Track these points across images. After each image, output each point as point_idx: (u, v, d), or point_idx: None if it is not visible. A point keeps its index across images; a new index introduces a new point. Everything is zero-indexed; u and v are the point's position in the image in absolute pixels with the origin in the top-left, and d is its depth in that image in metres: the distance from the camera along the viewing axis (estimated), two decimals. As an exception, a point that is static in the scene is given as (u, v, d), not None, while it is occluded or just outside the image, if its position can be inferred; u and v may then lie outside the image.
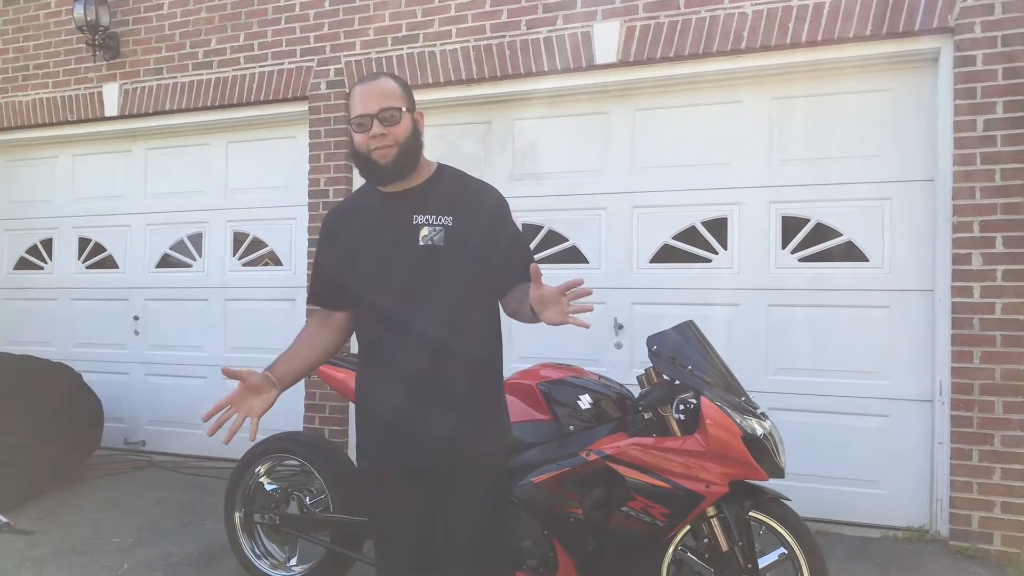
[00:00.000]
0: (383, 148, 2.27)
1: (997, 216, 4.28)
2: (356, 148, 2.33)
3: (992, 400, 4.28)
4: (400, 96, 2.33)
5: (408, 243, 2.33)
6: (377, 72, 2.49)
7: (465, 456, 2.34)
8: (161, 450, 6.66)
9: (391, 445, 2.37)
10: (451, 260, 2.33)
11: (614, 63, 5.12)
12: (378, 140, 2.27)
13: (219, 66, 6.25)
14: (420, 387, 2.33)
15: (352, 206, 2.56)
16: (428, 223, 2.35)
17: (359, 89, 2.33)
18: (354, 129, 2.30)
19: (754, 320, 4.99)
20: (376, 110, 2.26)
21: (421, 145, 2.38)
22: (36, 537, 4.62)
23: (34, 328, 7.26)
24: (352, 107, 2.32)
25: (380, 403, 2.39)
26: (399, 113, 2.30)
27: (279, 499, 3.92)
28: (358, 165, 2.37)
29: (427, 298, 2.33)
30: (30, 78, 7.01)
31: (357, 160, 2.36)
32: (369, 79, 2.38)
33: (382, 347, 2.38)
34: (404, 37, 5.64)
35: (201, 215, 6.65)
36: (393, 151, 2.28)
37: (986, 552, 4.23)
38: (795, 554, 3.02)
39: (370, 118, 2.26)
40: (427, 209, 2.37)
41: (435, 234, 2.34)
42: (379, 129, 2.26)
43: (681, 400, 3.09)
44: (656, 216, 5.25)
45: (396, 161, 2.29)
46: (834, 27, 4.60)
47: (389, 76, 2.39)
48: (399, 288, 2.34)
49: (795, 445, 4.27)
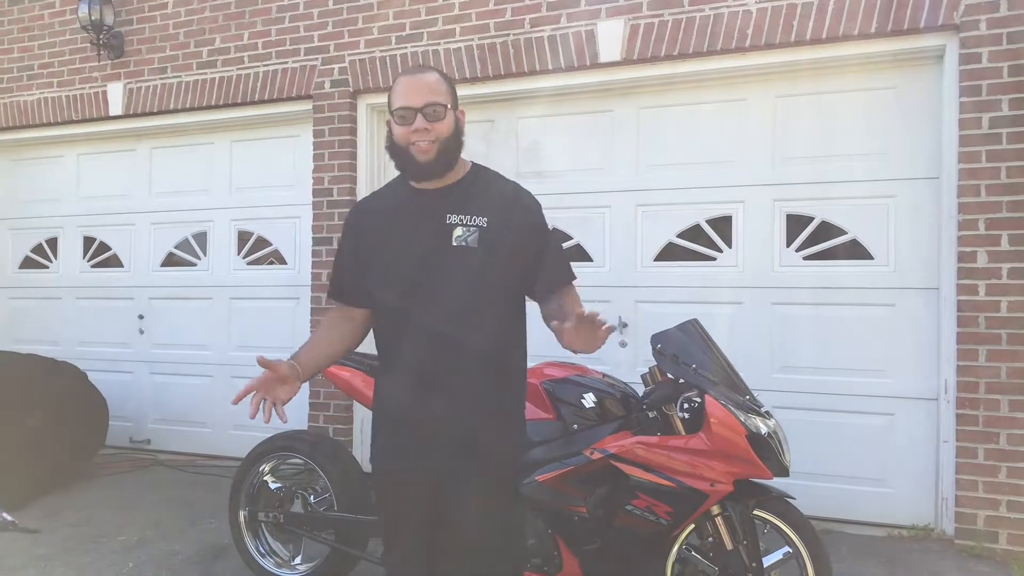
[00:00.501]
0: (424, 144, 2.21)
1: (1003, 214, 4.27)
2: (395, 140, 2.27)
3: (998, 398, 4.27)
4: (446, 92, 2.28)
5: (440, 242, 2.27)
6: (424, 65, 2.40)
7: (487, 460, 2.30)
8: (166, 448, 6.67)
9: (415, 448, 2.31)
10: (484, 262, 2.28)
11: (618, 61, 5.11)
12: (420, 135, 2.21)
13: (223, 65, 6.26)
14: (446, 390, 2.27)
15: (380, 200, 2.47)
16: (462, 223, 2.29)
17: (405, 80, 2.27)
18: (395, 121, 2.24)
19: (758, 318, 4.99)
20: (421, 104, 2.21)
21: (461, 144, 2.33)
22: (41, 535, 4.63)
23: (39, 327, 7.28)
24: (395, 98, 2.25)
25: (404, 405, 2.32)
26: (443, 110, 2.24)
27: (283, 498, 3.93)
28: (395, 158, 2.30)
29: (457, 299, 2.27)
30: (35, 77, 7.02)
31: (395, 152, 2.29)
32: (416, 71, 2.33)
33: (407, 348, 2.31)
34: (408, 36, 5.64)
35: (206, 214, 6.66)
36: (434, 148, 2.22)
37: (992, 551, 4.22)
38: (800, 553, 3.02)
39: (414, 112, 2.21)
40: (461, 209, 2.31)
41: (469, 235, 2.28)
42: (422, 124, 2.21)
43: (685, 399, 3.08)
44: (660, 214, 5.24)
45: (436, 158, 2.24)
46: (838, 25, 4.59)
47: (436, 71, 2.33)
48: (428, 288, 2.27)
49: (800, 443, 4.26)
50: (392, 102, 2.26)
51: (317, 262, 5.90)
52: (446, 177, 2.31)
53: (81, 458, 5.89)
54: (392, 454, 2.36)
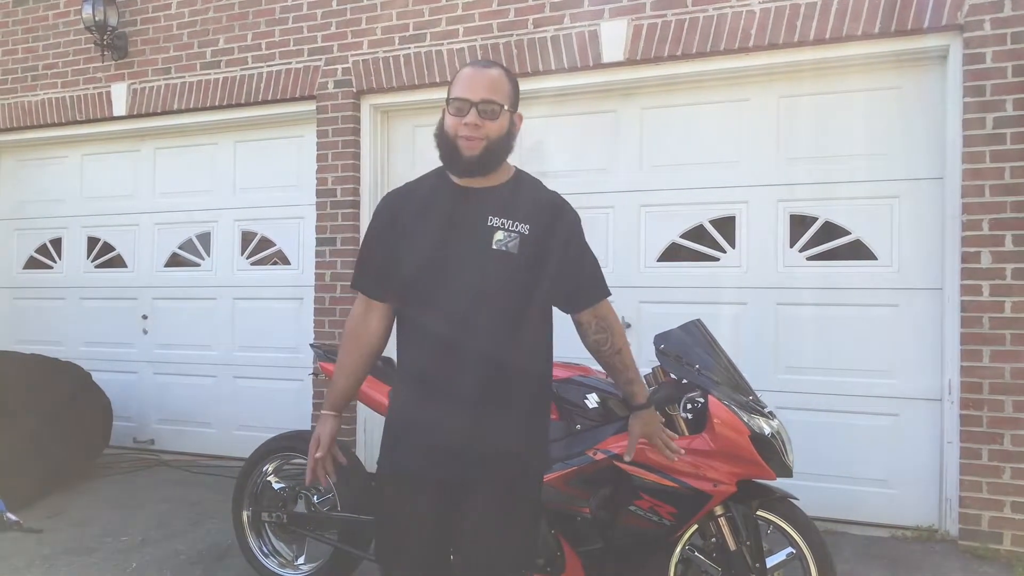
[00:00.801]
0: (472, 139, 2.18)
1: (1007, 214, 4.27)
2: (444, 129, 2.24)
3: (1001, 399, 4.26)
4: (507, 93, 2.24)
5: (480, 244, 2.23)
6: (492, 61, 2.35)
7: (516, 467, 2.30)
8: (170, 449, 6.68)
9: (444, 452, 2.24)
10: (522, 269, 2.26)
11: (621, 62, 5.11)
12: (469, 129, 2.18)
13: (227, 65, 6.27)
14: (476, 395, 2.24)
15: (418, 190, 2.38)
16: (504, 227, 2.26)
17: (469, 72, 2.24)
18: (449, 110, 2.21)
19: (762, 319, 4.98)
20: (478, 98, 2.18)
21: (511, 148, 2.29)
22: (45, 535, 4.63)
23: (43, 327, 7.30)
24: (454, 87, 2.23)
25: (430, 410, 2.25)
26: (499, 109, 2.21)
27: (287, 498, 3.92)
28: (441, 147, 2.26)
29: (492, 303, 2.25)
30: (39, 78, 7.04)
31: (442, 142, 2.25)
32: (482, 65, 2.28)
33: (436, 350, 2.25)
34: (411, 36, 5.65)
35: (209, 214, 6.67)
36: (480, 145, 2.19)
37: (996, 552, 4.22)
38: (803, 553, 3.01)
39: (469, 104, 2.18)
40: (504, 213, 2.27)
41: (510, 240, 2.25)
42: (474, 119, 2.17)
43: (688, 399, 3.08)
44: (663, 215, 5.24)
45: (480, 156, 2.21)
46: (842, 25, 4.59)
47: (502, 68, 2.29)
48: (464, 288, 2.23)
49: (803, 444, 4.26)
50: (450, 90, 2.23)
51: (320, 262, 5.91)
52: (490, 178, 2.28)
53: (85, 458, 5.90)
54: (407, 459, 2.29)
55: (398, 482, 2.33)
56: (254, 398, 6.40)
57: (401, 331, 2.37)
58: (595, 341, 2.50)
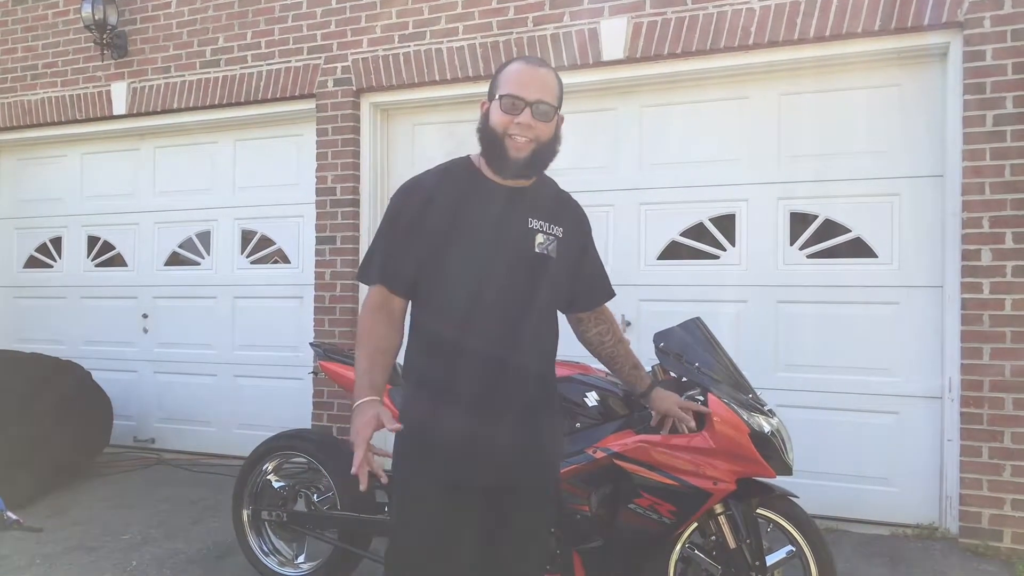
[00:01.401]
0: (522, 140, 2.12)
1: (1007, 212, 4.26)
2: (490, 124, 2.15)
3: (1002, 397, 4.26)
4: (557, 94, 2.19)
5: (524, 246, 2.20)
6: (541, 59, 2.24)
7: (542, 468, 2.31)
8: (170, 447, 6.68)
9: (488, 463, 2.18)
10: (556, 273, 2.27)
11: (621, 60, 5.11)
12: (521, 129, 2.11)
13: (226, 64, 6.26)
14: (524, 401, 2.23)
15: (450, 183, 2.23)
16: (543, 230, 2.24)
17: (521, 68, 2.16)
18: (501, 106, 2.12)
19: (763, 317, 4.98)
20: (533, 99, 2.11)
21: (557, 152, 2.25)
22: (46, 534, 4.63)
23: (43, 326, 7.30)
24: (504, 82, 2.14)
25: (476, 419, 2.16)
26: (552, 111, 2.15)
27: (287, 496, 3.93)
28: (486, 143, 2.18)
29: (537, 307, 2.24)
30: (39, 77, 7.04)
31: (488, 138, 2.17)
32: (535, 62, 2.21)
33: (483, 356, 2.17)
34: (411, 34, 5.64)
35: (209, 213, 6.67)
36: (530, 147, 2.13)
37: (996, 549, 4.21)
38: (803, 551, 3.01)
39: (524, 103, 2.10)
40: (542, 215, 2.26)
41: (549, 243, 2.24)
42: (528, 119, 2.11)
43: (688, 397, 3.07)
44: (664, 213, 5.24)
45: (529, 158, 2.15)
46: (842, 22, 4.58)
47: (551, 67, 2.22)
48: (514, 293, 2.19)
49: (804, 442, 4.26)
50: (500, 85, 2.15)
51: (320, 261, 5.91)
52: (512, 176, 2.23)
53: (85, 457, 5.90)
54: (467, 468, 2.17)
55: (439, 493, 2.16)
56: (254, 397, 6.40)
57: (430, 333, 2.22)
58: (597, 334, 2.53)
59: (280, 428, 4.31)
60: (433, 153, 5.58)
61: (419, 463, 2.19)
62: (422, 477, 2.19)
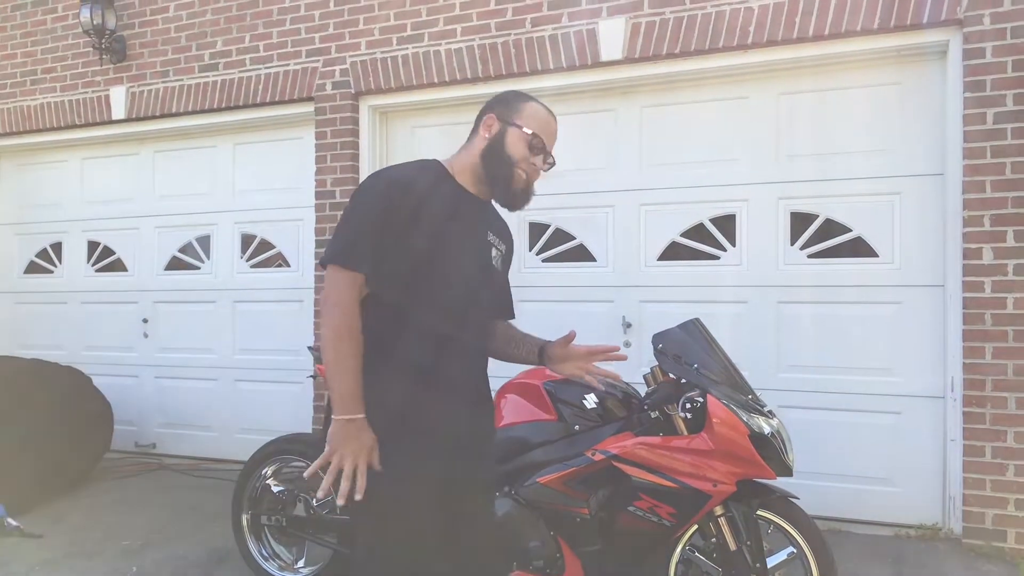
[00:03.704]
0: (525, 179, 2.29)
1: (1008, 210, 4.24)
2: (507, 150, 2.27)
3: (1005, 396, 4.23)
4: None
5: (484, 256, 2.34)
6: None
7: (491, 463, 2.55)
8: (171, 452, 6.67)
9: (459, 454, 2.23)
10: (498, 285, 2.47)
11: (620, 60, 5.09)
12: (532, 171, 2.29)
13: (225, 68, 6.26)
14: (475, 395, 2.36)
15: (429, 181, 2.24)
16: (495, 244, 2.39)
17: (551, 121, 2.36)
18: (528, 143, 2.27)
19: (763, 317, 4.96)
20: (552, 152, 2.33)
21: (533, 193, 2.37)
22: (46, 540, 4.63)
23: (44, 332, 7.29)
24: (531, 120, 2.29)
25: (444, 412, 2.20)
26: (552, 161, 2.36)
27: (286, 501, 3.92)
28: (493, 164, 2.27)
29: (485, 314, 2.41)
30: (38, 82, 7.04)
31: (498, 160, 2.27)
32: (554, 116, 2.39)
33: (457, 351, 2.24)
34: (409, 36, 5.63)
35: (209, 217, 6.66)
36: (528, 190, 2.31)
37: (1000, 550, 4.19)
38: (804, 553, 3.00)
39: (546, 151, 2.31)
40: (495, 229, 2.41)
41: (498, 256, 2.40)
42: (542, 164, 2.31)
43: (687, 399, 3.06)
44: (664, 213, 5.22)
45: (519, 195, 2.30)
46: (841, 21, 4.57)
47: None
48: (474, 297, 2.29)
49: (805, 443, 4.25)
50: (525, 120, 2.29)
51: (320, 264, 5.89)
52: (485, 192, 2.34)
53: (86, 463, 5.89)
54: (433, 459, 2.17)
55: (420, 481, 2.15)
56: (255, 401, 6.39)
57: (401, 325, 2.18)
58: (491, 328, 2.55)
59: (280, 432, 4.29)
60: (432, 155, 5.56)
61: (404, 450, 2.13)
62: (407, 465, 2.12)
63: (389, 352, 2.17)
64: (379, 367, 2.16)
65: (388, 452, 2.11)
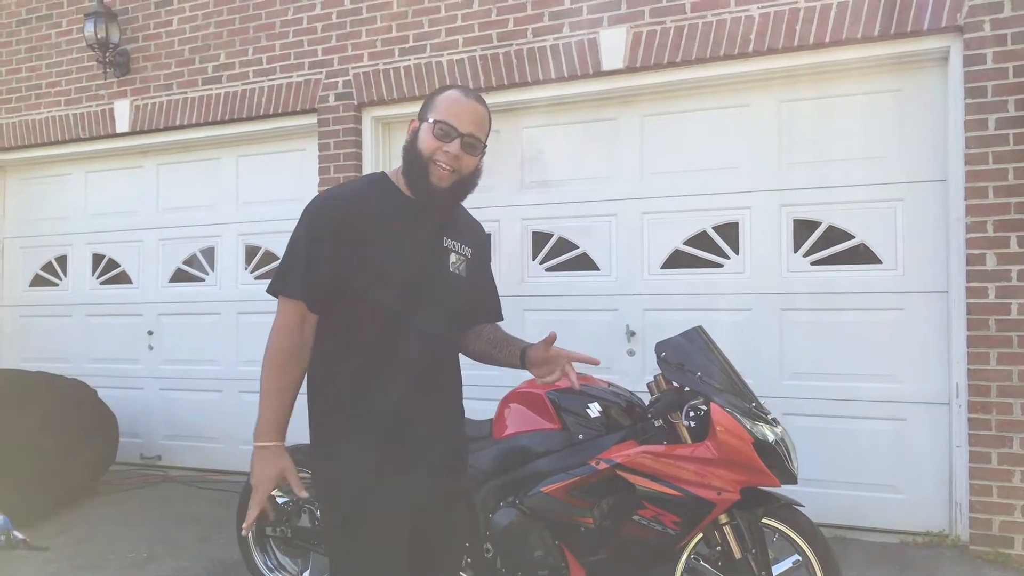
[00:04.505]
0: (446, 170, 2.12)
1: (1011, 215, 4.24)
2: (418, 147, 2.14)
3: (1010, 402, 4.22)
4: (487, 131, 2.21)
5: (439, 265, 2.23)
6: (478, 92, 2.26)
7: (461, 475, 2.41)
8: (177, 464, 6.68)
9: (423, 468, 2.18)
10: (467, 293, 2.33)
11: (620, 69, 5.10)
12: (448, 158, 2.11)
13: (228, 80, 6.29)
14: (446, 411, 2.29)
15: (370, 199, 2.20)
16: (456, 250, 2.28)
17: (459, 100, 2.15)
18: (433, 132, 2.11)
19: (767, 325, 4.95)
20: (466, 131, 2.12)
21: (475, 185, 2.25)
22: (52, 553, 4.62)
23: (49, 345, 7.31)
24: (441, 109, 2.13)
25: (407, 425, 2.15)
26: (480, 147, 2.17)
27: (291, 512, 3.91)
28: (410, 163, 2.17)
29: (451, 325, 2.30)
30: (43, 96, 7.08)
31: (413, 158, 2.15)
32: (471, 95, 2.20)
33: (409, 368, 2.16)
34: (411, 48, 5.65)
35: (213, 229, 6.68)
36: (451, 178, 2.14)
37: (1007, 557, 4.18)
38: (809, 561, 2.99)
39: (456, 133, 2.11)
40: (454, 235, 2.29)
41: (460, 263, 2.28)
42: (456, 149, 2.11)
43: (691, 407, 3.06)
44: (666, 222, 5.22)
45: (448, 189, 2.15)
46: (841, 28, 4.57)
47: (486, 105, 2.23)
48: (435, 309, 2.20)
49: (811, 450, 4.25)
50: (435, 110, 2.15)
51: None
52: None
53: (91, 475, 5.89)
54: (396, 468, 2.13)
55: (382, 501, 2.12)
56: (259, 412, 6.37)
57: (349, 343, 2.15)
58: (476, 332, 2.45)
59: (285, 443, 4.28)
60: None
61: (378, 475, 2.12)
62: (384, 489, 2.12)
63: (338, 372, 2.16)
64: (327, 388, 2.17)
65: (343, 474, 2.14)
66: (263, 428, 2.10)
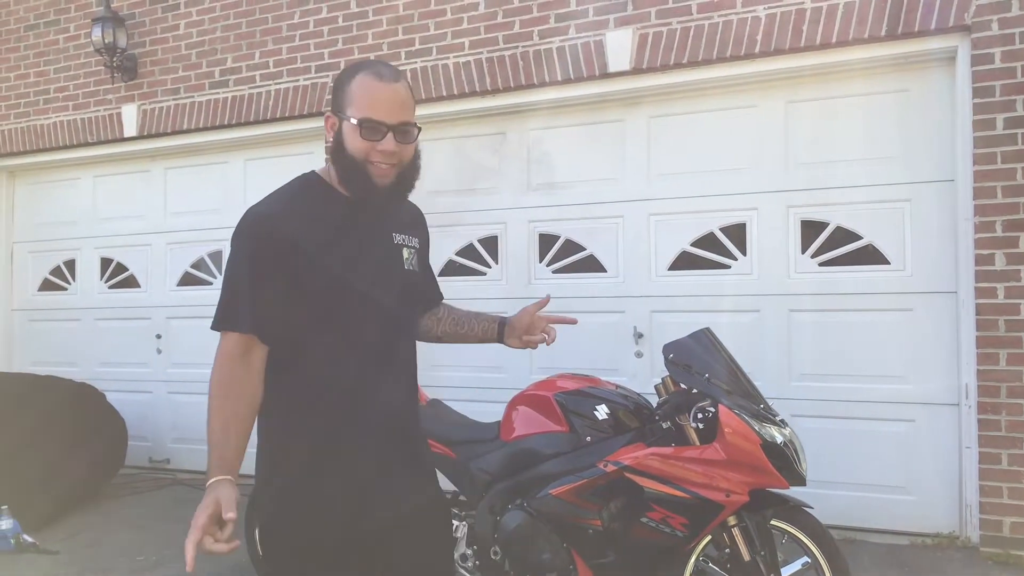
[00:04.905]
0: (387, 167, 1.90)
1: (1020, 215, 4.22)
2: (349, 152, 1.89)
3: (1020, 403, 4.20)
4: (414, 107, 1.98)
5: (395, 265, 2.03)
6: (393, 69, 1.97)
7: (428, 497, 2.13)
8: (185, 468, 6.67)
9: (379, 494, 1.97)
10: (420, 287, 2.16)
11: (627, 71, 5.10)
12: (385, 156, 1.88)
13: (235, 84, 6.30)
14: (403, 425, 2.06)
15: (304, 208, 1.98)
16: (406, 244, 2.08)
17: (375, 85, 1.88)
18: (360, 133, 1.87)
19: (775, 326, 4.94)
20: (396, 121, 1.89)
21: (419, 168, 2.02)
22: (61, 557, 4.64)
23: (58, 349, 7.33)
24: (358, 101, 1.88)
25: (363, 448, 1.96)
26: (414, 131, 1.94)
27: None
28: (345, 170, 1.93)
29: (408, 327, 2.12)
30: (51, 101, 7.10)
31: (346, 164, 1.91)
32: (387, 75, 1.92)
33: (360, 384, 1.95)
34: (417, 50, 5.66)
35: (220, 232, 6.68)
36: (394, 172, 1.92)
37: (1018, 558, 4.15)
38: (819, 563, 2.99)
39: (386, 128, 1.88)
40: (401, 228, 2.08)
41: (411, 257, 2.09)
42: (392, 145, 1.88)
43: (699, 408, 3.05)
44: (673, 223, 5.21)
45: (395, 184, 1.93)
46: (848, 29, 4.56)
47: (403, 76, 1.97)
48: (388, 315, 2.00)
49: (820, 452, 4.24)
50: (354, 104, 1.89)
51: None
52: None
53: (101, 479, 5.92)
54: (335, 513, 1.95)
55: (324, 544, 1.96)
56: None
57: (307, 378, 1.95)
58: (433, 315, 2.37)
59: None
60: (442, 168, 5.60)
61: (316, 520, 1.96)
62: (323, 535, 1.95)
63: (292, 399, 1.97)
64: (268, 433, 2.00)
65: (286, 505, 2.00)
66: (210, 469, 1.85)
